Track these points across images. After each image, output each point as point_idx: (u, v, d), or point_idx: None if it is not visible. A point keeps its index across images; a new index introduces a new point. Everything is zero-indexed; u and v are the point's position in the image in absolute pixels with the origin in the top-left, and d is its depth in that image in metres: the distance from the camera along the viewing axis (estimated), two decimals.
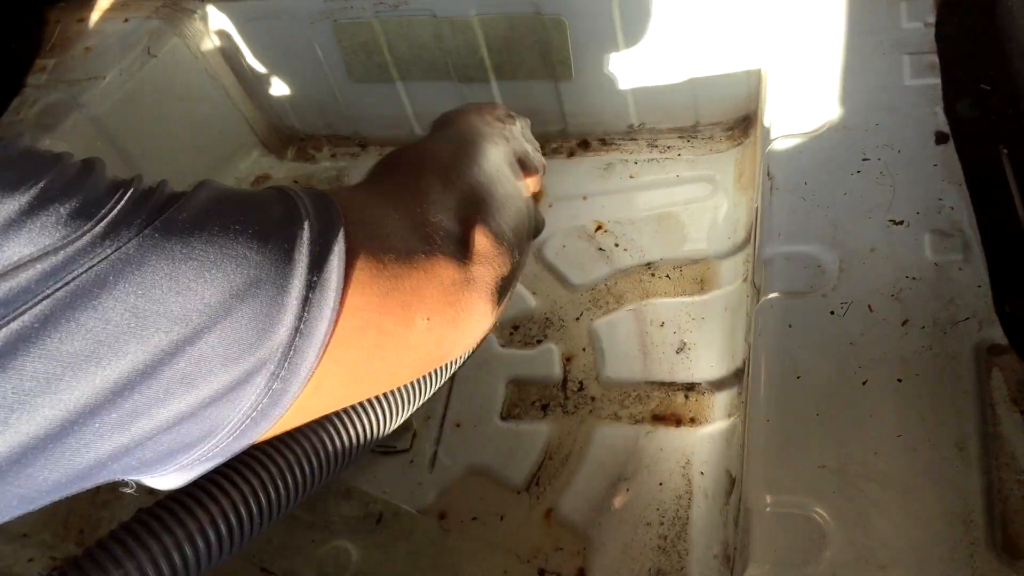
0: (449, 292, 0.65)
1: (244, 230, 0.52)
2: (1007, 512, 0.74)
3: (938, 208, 0.94)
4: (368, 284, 0.58)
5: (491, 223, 0.73)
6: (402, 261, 0.61)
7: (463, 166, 0.80)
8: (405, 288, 0.61)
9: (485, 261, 0.70)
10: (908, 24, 1.13)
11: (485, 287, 0.69)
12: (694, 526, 1.06)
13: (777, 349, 0.89)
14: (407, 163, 0.78)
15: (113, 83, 1.45)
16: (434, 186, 0.72)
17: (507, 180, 0.86)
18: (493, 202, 0.77)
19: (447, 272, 0.65)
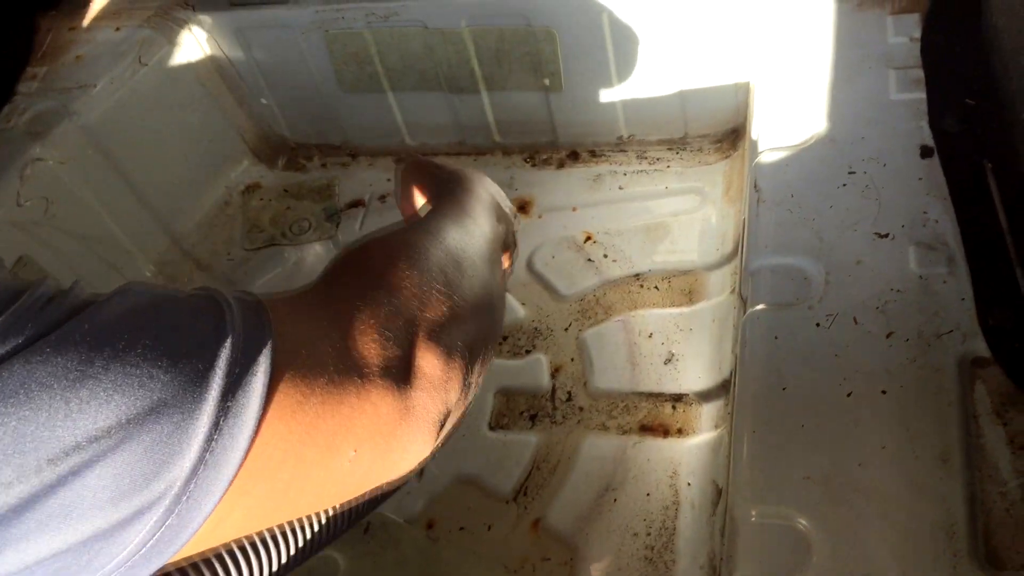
0: (384, 423, 0.59)
1: (155, 346, 0.47)
2: (990, 524, 0.75)
3: (923, 221, 0.94)
4: (292, 412, 0.53)
5: (445, 340, 0.66)
6: (334, 387, 0.56)
7: (428, 268, 0.71)
8: (334, 417, 0.56)
9: (430, 388, 0.63)
10: (894, 39, 1.14)
11: (425, 418, 0.62)
12: (681, 536, 1.07)
13: (763, 360, 0.89)
14: (363, 265, 0.71)
15: (104, 91, 1.45)
16: (386, 296, 0.65)
17: (481, 276, 0.77)
18: (456, 310, 0.69)
19: (384, 401, 0.59)
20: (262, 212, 1.63)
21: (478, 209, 0.89)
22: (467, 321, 0.70)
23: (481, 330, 0.73)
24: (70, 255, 1.40)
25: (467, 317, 0.70)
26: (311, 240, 1.57)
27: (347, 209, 1.61)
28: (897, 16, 1.16)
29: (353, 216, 1.59)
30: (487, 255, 0.81)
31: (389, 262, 0.69)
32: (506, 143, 1.61)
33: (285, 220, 1.61)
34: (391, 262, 0.69)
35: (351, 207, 1.61)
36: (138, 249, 1.52)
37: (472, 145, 1.63)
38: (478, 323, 0.72)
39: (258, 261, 1.56)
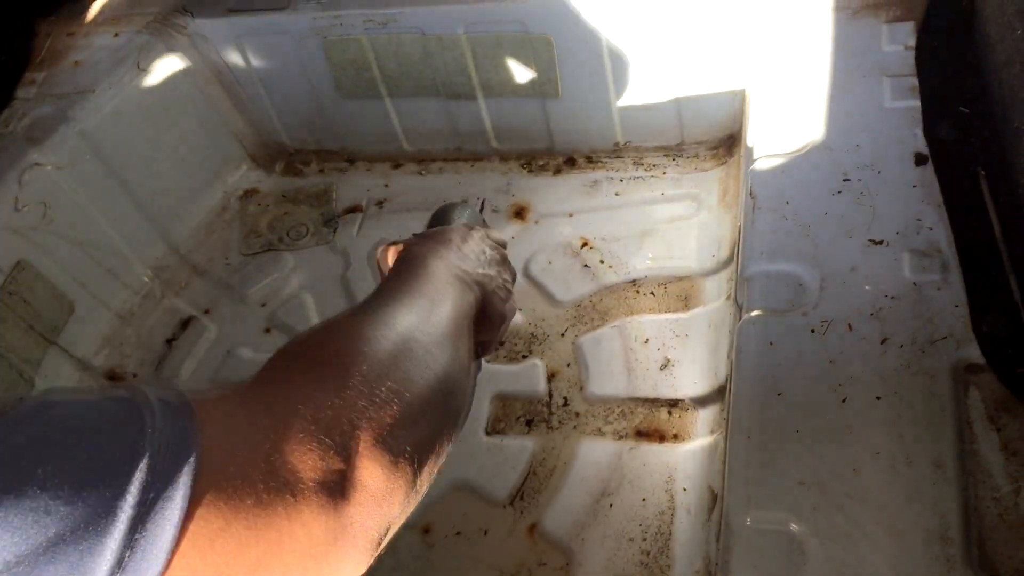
0: (316, 546, 0.53)
1: (58, 474, 0.42)
2: (984, 529, 0.75)
3: (917, 228, 0.95)
4: (211, 541, 0.47)
5: (391, 446, 0.60)
6: (263, 507, 0.50)
7: (376, 363, 0.65)
8: (259, 544, 0.50)
9: (370, 503, 0.57)
10: (889, 47, 1.15)
11: (363, 537, 0.56)
12: (676, 541, 1.07)
13: (758, 366, 0.90)
14: (307, 360, 0.64)
15: (102, 97, 1.45)
16: (330, 396, 0.59)
17: (436, 365, 0.70)
18: (407, 409, 0.63)
19: (317, 521, 0.53)
20: (260, 217, 1.64)
21: (434, 286, 0.82)
22: (418, 420, 0.64)
23: (435, 426, 0.67)
24: (67, 260, 1.40)
25: (418, 415, 0.64)
26: (308, 245, 1.57)
27: (344, 214, 1.61)
28: (892, 25, 1.17)
29: (350, 221, 1.59)
30: (444, 337, 0.75)
31: (335, 356, 0.64)
32: (503, 149, 1.62)
33: (283, 225, 1.62)
34: (337, 357, 0.64)
35: (348, 212, 1.61)
36: (135, 254, 1.52)
37: (469, 151, 1.64)
38: (432, 419, 0.67)
39: (255, 266, 1.56)
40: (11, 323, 1.31)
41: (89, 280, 1.44)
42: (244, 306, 1.51)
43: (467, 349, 0.80)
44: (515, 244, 1.46)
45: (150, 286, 1.54)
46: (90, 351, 1.45)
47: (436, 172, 1.65)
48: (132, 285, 1.52)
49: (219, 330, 1.48)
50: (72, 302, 1.41)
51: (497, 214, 1.52)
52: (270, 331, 1.45)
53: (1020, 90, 0.85)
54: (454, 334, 0.76)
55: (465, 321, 0.82)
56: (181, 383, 1.41)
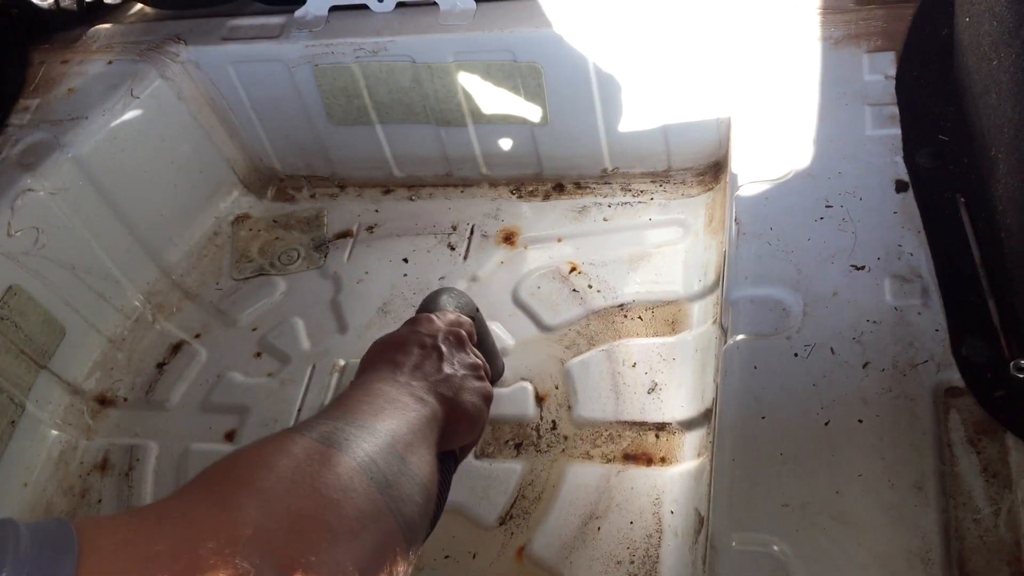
0: None
1: None
2: (964, 550, 0.76)
3: (898, 254, 0.97)
4: None
5: (329, 564, 0.55)
6: None
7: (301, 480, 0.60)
8: None
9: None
10: (870, 76, 1.17)
11: None
12: (664, 564, 1.08)
13: (743, 390, 0.91)
14: (235, 468, 0.60)
15: (96, 124, 1.46)
16: (252, 509, 0.55)
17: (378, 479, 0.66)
18: (352, 521, 0.59)
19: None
20: (251, 242, 1.65)
21: (377, 408, 0.78)
22: (363, 540, 0.60)
23: (386, 547, 0.63)
24: (60, 285, 1.41)
25: (364, 535, 0.60)
26: (299, 270, 1.58)
27: (335, 239, 1.62)
28: (873, 54, 1.20)
29: (341, 247, 1.61)
30: (389, 454, 0.70)
31: (255, 474, 0.59)
32: (493, 175, 1.63)
33: (274, 250, 1.63)
34: (258, 474, 0.59)
35: (339, 237, 1.63)
36: (127, 279, 1.53)
37: (459, 177, 1.66)
38: (383, 539, 0.63)
39: (247, 290, 1.57)
40: (2, 348, 1.32)
41: (81, 305, 1.45)
42: (235, 330, 1.51)
43: (425, 460, 0.76)
44: (504, 269, 1.48)
45: (141, 310, 1.55)
46: (81, 375, 1.45)
47: (426, 197, 1.67)
48: (124, 309, 1.52)
49: (210, 354, 1.49)
50: (63, 326, 1.42)
51: (487, 239, 1.54)
52: (260, 355, 1.46)
53: (996, 119, 0.87)
54: (402, 449, 0.73)
55: (418, 434, 0.78)
56: (171, 407, 1.42)
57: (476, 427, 0.92)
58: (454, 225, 1.59)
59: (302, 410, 1.36)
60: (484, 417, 0.94)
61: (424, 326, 0.98)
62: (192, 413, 1.41)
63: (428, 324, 0.99)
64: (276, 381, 1.41)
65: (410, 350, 0.92)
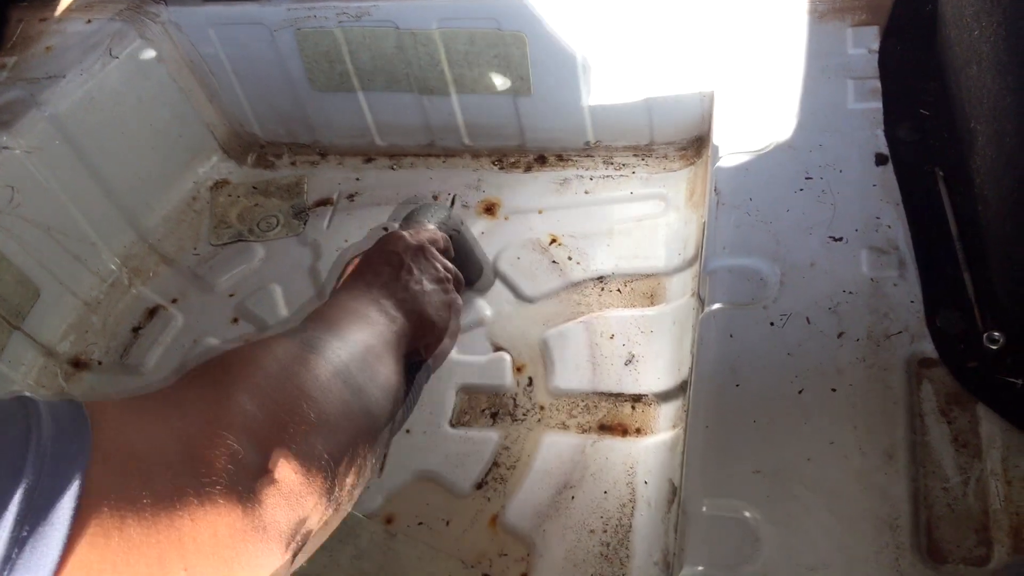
0: (224, 543, 0.53)
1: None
2: (932, 518, 0.77)
3: (876, 226, 0.97)
4: (111, 534, 0.46)
5: (307, 447, 0.62)
6: (164, 504, 0.50)
7: (288, 375, 0.67)
8: (162, 539, 0.49)
9: (284, 499, 0.58)
10: (853, 50, 1.17)
11: (276, 534, 0.57)
12: (636, 533, 1.08)
13: (718, 358, 0.91)
14: (218, 372, 0.66)
15: (73, 83, 1.45)
16: (241, 399, 0.61)
17: (354, 383, 0.74)
18: (320, 420, 0.65)
19: (226, 518, 0.53)
20: (230, 208, 1.64)
21: (350, 319, 0.86)
22: (335, 431, 0.66)
23: (351, 439, 0.69)
24: (34, 245, 1.39)
25: (336, 427, 0.67)
26: (279, 237, 1.57)
27: (315, 207, 1.61)
28: (857, 28, 1.19)
29: (321, 214, 1.60)
30: (362, 361, 0.78)
31: (246, 369, 0.66)
32: (475, 146, 1.63)
33: (253, 216, 1.61)
34: (248, 370, 0.66)
35: (319, 205, 1.62)
36: (103, 242, 1.51)
37: (441, 147, 1.65)
38: (346, 432, 0.69)
39: (225, 256, 1.56)
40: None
41: (56, 266, 1.43)
42: (212, 296, 1.50)
43: (392, 369, 0.84)
44: (485, 240, 1.47)
45: (117, 274, 1.53)
46: (55, 337, 1.44)
47: (407, 167, 1.66)
48: (99, 272, 1.51)
49: (186, 319, 1.48)
50: (38, 288, 1.40)
51: (467, 209, 1.53)
52: (238, 321, 1.45)
53: (977, 91, 0.87)
54: (372, 358, 0.81)
55: (387, 346, 0.86)
56: (146, 371, 1.41)
57: (442, 337, 1.01)
58: (435, 195, 1.58)
59: None
60: (450, 327, 1.02)
61: (392, 244, 1.05)
62: (167, 378, 1.40)
63: (396, 242, 1.05)
64: None
65: (380, 269, 1.00)
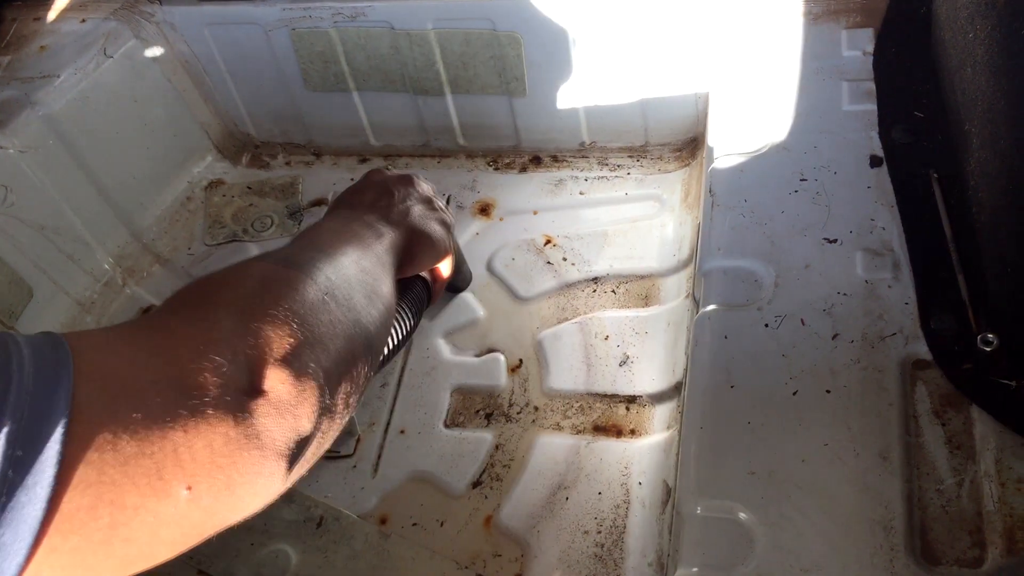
0: (220, 454, 0.53)
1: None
2: (926, 520, 0.77)
3: (870, 228, 0.97)
4: (104, 449, 0.47)
5: (294, 362, 0.61)
6: (154, 420, 0.50)
7: (273, 291, 0.67)
8: (157, 452, 0.50)
9: (275, 412, 0.58)
10: (848, 52, 1.17)
11: (271, 445, 0.57)
12: (630, 535, 1.08)
13: (713, 359, 0.92)
14: (203, 290, 0.66)
15: (67, 82, 1.44)
16: (223, 319, 0.60)
17: (340, 295, 0.73)
18: (308, 330, 0.64)
19: (218, 429, 0.53)
20: (224, 208, 1.63)
21: (336, 235, 0.86)
22: (323, 342, 0.66)
23: (344, 348, 0.68)
24: (28, 245, 1.39)
25: (323, 338, 0.66)
26: (273, 237, 1.57)
27: (309, 207, 1.61)
28: (851, 30, 1.20)
29: (315, 215, 1.59)
30: (349, 273, 0.78)
31: (223, 290, 0.65)
32: (470, 146, 1.62)
33: (247, 217, 1.61)
34: (225, 290, 0.65)
35: (314, 205, 1.61)
36: (97, 242, 1.51)
37: (436, 148, 1.65)
38: (338, 342, 0.68)
39: (219, 256, 1.56)
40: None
41: (49, 266, 1.43)
42: None
43: (382, 280, 0.85)
44: (479, 240, 1.47)
45: (111, 274, 1.53)
46: None
47: (402, 167, 1.66)
48: (93, 272, 1.51)
49: None
50: (31, 287, 1.40)
51: (462, 210, 1.53)
52: None
53: (971, 93, 0.87)
54: (356, 269, 0.80)
55: (374, 257, 0.86)
56: None
57: (436, 249, 1.01)
58: None
59: None
60: (446, 242, 1.02)
61: (376, 174, 1.07)
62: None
63: (379, 173, 1.08)
64: None
65: (365, 193, 1.01)
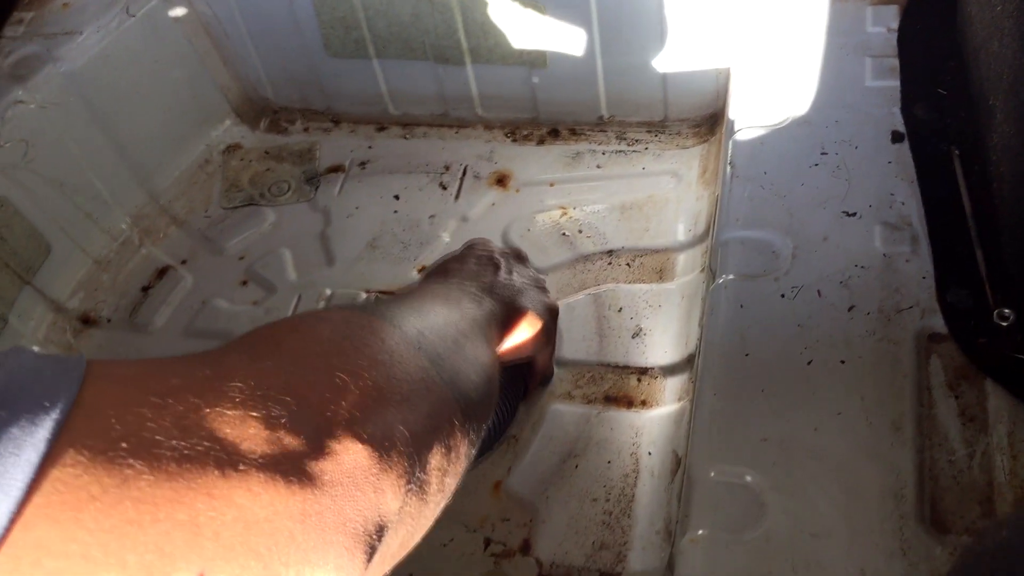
0: (260, 533, 0.39)
1: None
2: (937, 490, 0.77)
3: (890, 203, 0.97)
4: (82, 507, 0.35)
5: (376, 417, 0.49)
6: (168, 475, 0.37)
7: (361, 334, 0.56)
8: (163, 520, 0.36)
9: (350, 480, 0.44)
10: (873, 28, 1.17)
11: (341, 525, 0.43)
12: (639, 503, 1.09)
13: (728, 327, 0.92)
14: (270, 331, 0.54)
15: (89, 40, 1.45)
16: (288, 364, 0.48)
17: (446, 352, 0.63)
18: (399, 383, 0.53)
19: (261, 497, 0.39)
20: (241, 172, 1.64)
21: (429, 297, 0.78)
22: (413, 403, 0.53)
23: (438, 416, 0.56)
24: (47, 201, 1.40)
25: (413, 398, 0.54)
26: (289, 202, 1.58)
27: (326, 173, 1.62)
28: (877, 7, 1.19)
29: (332, 181, 1.60)
30: (445, 329, 0.68)
31: (294, 334, 0.54)
32: (488, 117, 1.62)
33: (264, 181, 1.62)
34: (297, 334, 0.54)
35: (330, 172, 1.62)
36: (115, 200, 1.52)
37: (455, 117, 1.65)
38: (435, 408, 0.57)
39: (235, 219, 1.56)
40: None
41: (67, 223, 1.44)
42: (222, 258, 1.51)
43: (482, 347, 0.74)
44: (495, 211, 1.48)
45: (128, 233, 1.54)
46: (65, 294, 1.45)
47: (420, 136, 1.66)
48: (110, 231, 1.51)
49: (195, 280, 1.48)
50: (49, 243, 1.41)
51: (479, 180, 1.53)
52: (247, 283, 1.46)
53: (997, 66, 0.87)
54: (454, 331, 0.70)
55: (473, 324, 0.78)
56: (155, 330, 1.42)
57: (539, 337, 0.91)
58: (447, 165, 1.58)
59: None
60: (549, 329, 0.92)
61: (481, 244, 1.00)
62: (175, 337, 1.40)
63: (484, 243, 1.02)
64: (261, 309, 1.41)
65: (466, 261, 0.93)
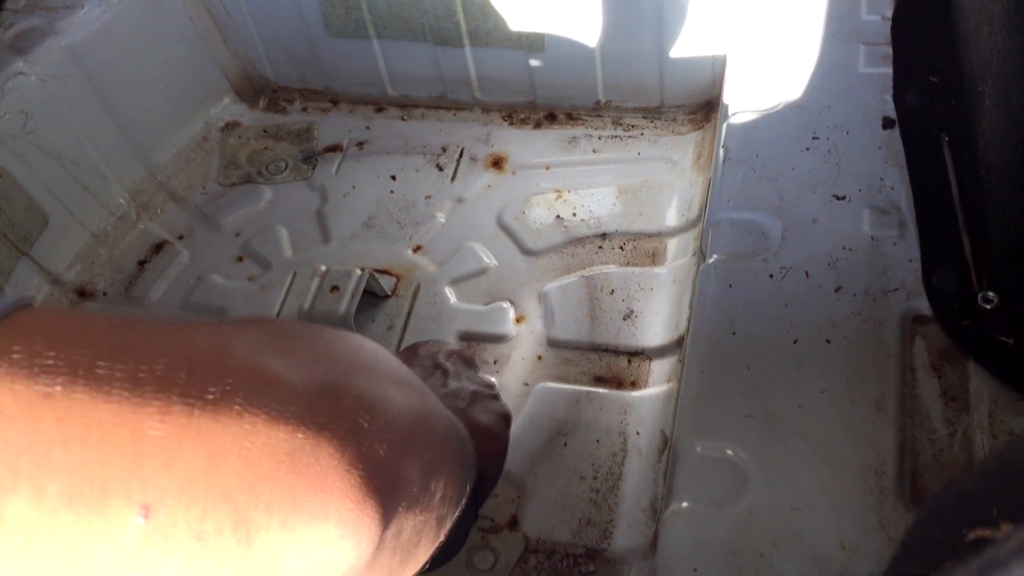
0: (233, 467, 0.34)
1: None
2: (917, 467, 0.79)
3: (879, 187, 0.98)
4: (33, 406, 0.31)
5: (369, 390, 0.44)
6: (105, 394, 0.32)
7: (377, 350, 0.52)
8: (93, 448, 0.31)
9: (349, 426, 0.38)
10: (867, 16, 1.18)
11: (344, 472, 0.37)
12: (626, 481, 1.10)
13: (716, 306, 0.93)
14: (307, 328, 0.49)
15: (91, 13, 1.45)
16: (278, 330, 0.45)
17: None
18: (426, 400, 0.51)
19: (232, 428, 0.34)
20: (240, 150, 1.65)
21: None
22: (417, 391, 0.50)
23: (447, 450, 0.52)
24: (45, 173, 1.40)
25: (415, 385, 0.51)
26: (287, 180, 1.58)
27: (324, 153, 1.62)
28: None
29: (330, 160, 1.61)
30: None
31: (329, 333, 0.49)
32: (486, 100, 1.63)
33: (262, 159, 1.63)
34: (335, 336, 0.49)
35: (328, 151, 1.63)
36: (113, 175, 1.52)
37: (452, 100, 1.65)
38: (443, 425, 0.53)
39: (232, 196, 1.57)
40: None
41: (65, 196, 1.44)
42: (218, 234, 1.52)
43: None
44: (490, 193, 1.49)
45: (126, 208, 1.54)
46: (62, 266, 1.46)
47: (418, 118, 1.67)
48: (108, 205, 1.52)
49: (192, 256, 1.49)
50: (47, 215, 1.41)
51: (475, 163, 1.54)
52: (242, 260, 1.46)
53: (986, 52, 0.88)
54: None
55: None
56: (151, 304, 1.43)
57: (496, 451, 0.81)
58: (444, 147, 1.59)
59: (280, 315, 1.37)
60: (505, 442, 0.82)
61: (424, 348, 0.94)
62: (171, 311, 1.41)
63: (428, 347, 0.94)
64: (256, 286, 1.42)
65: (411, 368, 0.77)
